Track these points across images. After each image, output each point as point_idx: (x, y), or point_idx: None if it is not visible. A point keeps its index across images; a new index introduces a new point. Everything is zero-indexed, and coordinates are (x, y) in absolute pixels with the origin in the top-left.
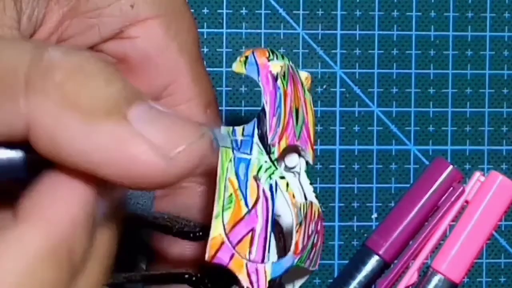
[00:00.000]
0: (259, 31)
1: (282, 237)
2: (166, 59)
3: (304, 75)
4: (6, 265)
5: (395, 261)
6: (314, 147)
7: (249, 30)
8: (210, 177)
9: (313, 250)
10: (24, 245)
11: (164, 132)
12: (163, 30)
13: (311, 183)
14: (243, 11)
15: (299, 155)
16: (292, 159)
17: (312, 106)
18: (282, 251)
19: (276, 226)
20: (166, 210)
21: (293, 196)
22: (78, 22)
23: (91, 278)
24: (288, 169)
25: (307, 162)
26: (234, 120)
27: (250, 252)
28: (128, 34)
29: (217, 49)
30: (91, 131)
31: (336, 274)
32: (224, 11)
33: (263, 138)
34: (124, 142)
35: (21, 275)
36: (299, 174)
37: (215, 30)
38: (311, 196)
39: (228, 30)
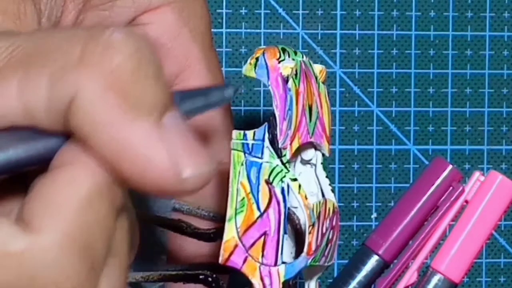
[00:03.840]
0: (258, 30)
1: (300, 229)
2: (178, 45)
3: (318, 68)
4: (64, 198)
5: (395, 261)
6: (330, 139)
7: (248, 30)
8: (219, 169)
9: (328, 246)
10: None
11: (187, 152)
12: (175, 16)
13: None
14: (243, 11)
15: (315, 148)
16: (308, 152)
17: (327, 98)
18: (299, 245)
19: (292, 219)
20: (185, 200)
21: (305, 198)
22: (91, 15)
23: (114, 273)
24: (304, 161)
25: (323, 154)
26: (234, 119)
27: (263, 256)
28: (140, 21)
29: (217, 49)
30: (129, 123)
31: (335, 274)
32: (224, 10)
33: (274, 142)
34: (152, 145)
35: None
36: (315, 166)
37: (215, 30)
38: (327, 189)
39: (228, 30)
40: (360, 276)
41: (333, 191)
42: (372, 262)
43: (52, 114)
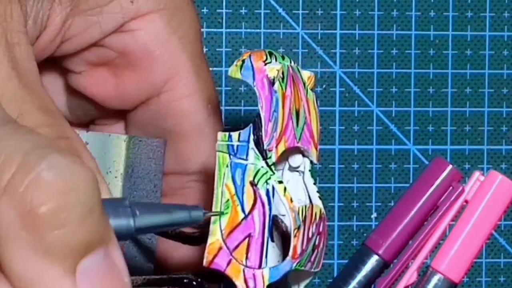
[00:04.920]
0: (258, 30)
1: (286, 235)
2: (167, 52)
3: (306, 74)
4: None
5: (395, 261)
6: (319, 146)
7: (248, 30)
8: (208, 178)
9: (315, 252)
10: None
11: None
12: (164, 23)
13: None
14: (243, 10)
15: (303, 155)
16: (296, 159)
17: (315, 105)
18: (286, 251)
19: (280, 227)
20: None
21: (291, 201)
22: (79, 20)
23: None
24: (292, 168)
25: (311, 162)
26: (233, 120)
27: (247, 258)
28: (128, 27)
29: (217, 49)
30: (39, 265)
31: (335, 274)
32: (224, 10)
33: (259, 144)
34: None
35: None
36: (303, 173)
37: (215, 30)
38: (314, 196)
39: (228, 30)
40: (360, 276)
41: (320, 197)
42: (372, 262)
43: None
